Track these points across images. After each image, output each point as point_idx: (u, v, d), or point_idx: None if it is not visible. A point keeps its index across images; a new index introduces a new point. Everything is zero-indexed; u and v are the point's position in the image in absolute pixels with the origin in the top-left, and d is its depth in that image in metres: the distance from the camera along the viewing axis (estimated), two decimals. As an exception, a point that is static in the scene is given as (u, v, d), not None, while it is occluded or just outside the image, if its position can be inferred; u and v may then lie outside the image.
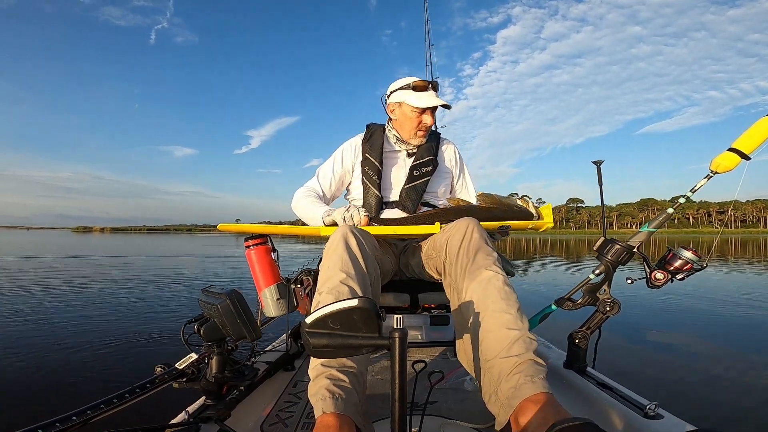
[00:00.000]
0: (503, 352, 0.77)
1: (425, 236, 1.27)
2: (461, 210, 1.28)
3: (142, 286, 6.31)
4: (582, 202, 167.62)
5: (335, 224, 1.27)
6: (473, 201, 1.58)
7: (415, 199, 1.45)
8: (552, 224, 1.31)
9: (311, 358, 0.84)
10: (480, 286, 0.89)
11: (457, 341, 0.96)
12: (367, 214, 1.24)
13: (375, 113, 1.59)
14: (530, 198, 1.40)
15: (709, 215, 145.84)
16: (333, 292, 0.88)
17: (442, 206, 1.44)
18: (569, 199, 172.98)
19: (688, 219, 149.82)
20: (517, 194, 1.37)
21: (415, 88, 1.40)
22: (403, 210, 1.44)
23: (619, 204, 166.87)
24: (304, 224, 1.42)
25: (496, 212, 1.28)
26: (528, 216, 1.31)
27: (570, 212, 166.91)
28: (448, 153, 1.60)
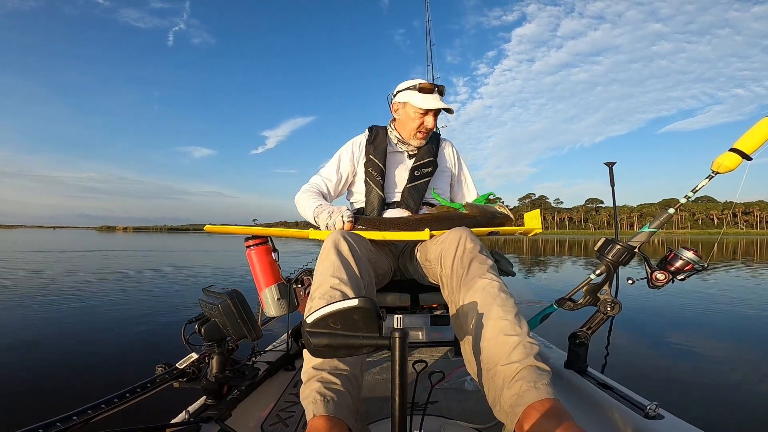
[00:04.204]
0: (503, 359, 0.76)
1: (416, 241, 1.27)
2: (449, 217, 1.29)
3: (146, 284, 6.32)
4: (601, 202, 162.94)
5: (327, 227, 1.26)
6: (474, 196, 1.60)
7: (417, 198, 1.47)
8: (540, 229, 1.33)
9: (304, 361, 0.84)
10: (476, 295, 0.89)
11: (462, 352, 0.96)
12: (350, 219, 1.20)
13: (389, 113, 1.59)
14: (503, 201, 1.42)
15: (735, 216, 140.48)
16: (325, 298, 0.88)
17: (427, 212, 1.44)
18: (588, 200, 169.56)
19: (712, 220, 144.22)
20: (500, 198, 1.41)
21: (422, 89, 1.41)
22: (406, 209, 1.46)
23: (641, 204, 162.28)
24: (309, 225, 1.42)
25: (480, 219, 1.30)
26: (507, 219, 1.34)
27: (589, 213, 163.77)
28: (447, 153, 1.63)
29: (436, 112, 1.44)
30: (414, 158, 1.52)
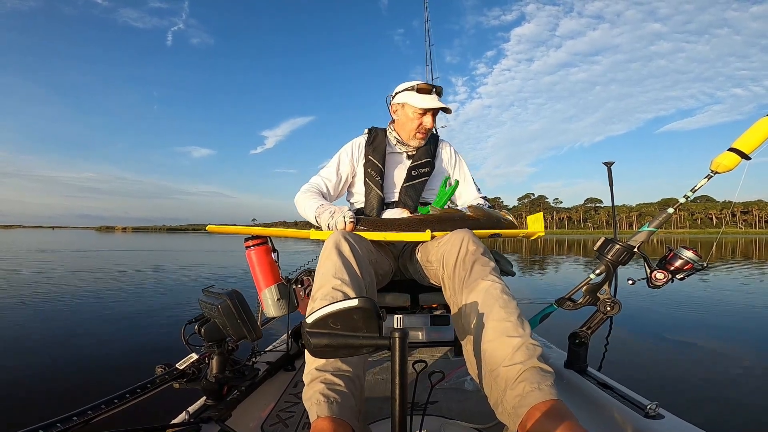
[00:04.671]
0: (506, 360, 0.76)
1: (417, 241, 1.27)
2: (451, 218, 1.29)
3: (146, 284, 6.31)
4: (600, 202, 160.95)
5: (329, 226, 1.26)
6: (475, 195, 1.60)
7: (414, 197, 1.48)
8: (543, 233, 1.32)
9: (306, 363, 0.84)
10: (478, 297, 0.89)
11: (464, 353, 0.96)
12: (352, 220, 1.20)
13: (388, 113, 1.60)
14: (509, 211, 1.42)
15: (734, 215, 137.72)
16: (326, 299, 0.88)
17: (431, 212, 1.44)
18: (587, 199, 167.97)
19: (711, 219, 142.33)
20: (505, 208, 1.40)
21: (419, 90, 1.43)
22: (405, 208, 1.47)
23: (639, 204, 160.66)
24: (308, 225, 1.42)
25: (484, 222, 1.29)
26: (513, 226, 1.34)
27: (588, 212, 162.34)
28: (445, 153, 1.64)
29: (435, 112, 1.46)
30: (412, 159, 1.53)
